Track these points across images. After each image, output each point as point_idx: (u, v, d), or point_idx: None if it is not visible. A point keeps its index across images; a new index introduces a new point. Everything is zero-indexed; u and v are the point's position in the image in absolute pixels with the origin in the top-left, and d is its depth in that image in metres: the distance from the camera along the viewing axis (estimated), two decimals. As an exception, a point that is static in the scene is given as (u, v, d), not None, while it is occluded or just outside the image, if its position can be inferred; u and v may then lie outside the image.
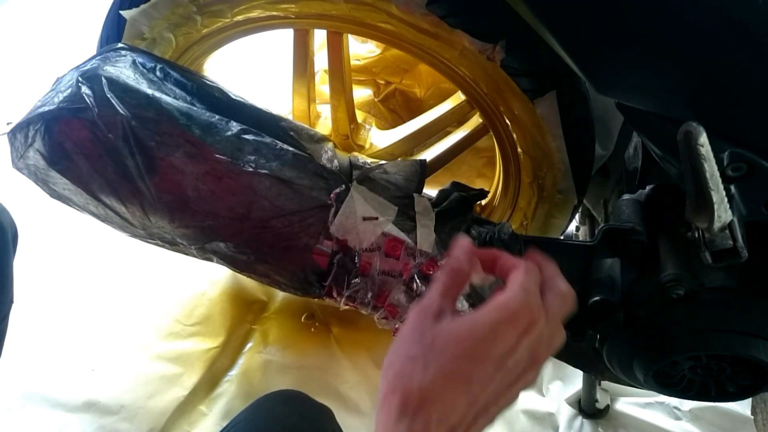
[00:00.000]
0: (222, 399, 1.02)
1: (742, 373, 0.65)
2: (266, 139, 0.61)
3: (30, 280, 1.14)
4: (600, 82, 0.51)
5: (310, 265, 0.65)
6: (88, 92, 0.57)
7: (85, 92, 0.57)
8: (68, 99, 0.57)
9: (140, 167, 0.58)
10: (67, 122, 0.58)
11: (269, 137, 0.61)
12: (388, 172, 0.64)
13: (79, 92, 0.57)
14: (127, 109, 0.57)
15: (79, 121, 0.57)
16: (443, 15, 0.60)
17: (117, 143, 0.57)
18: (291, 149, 0.61)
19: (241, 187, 0.60)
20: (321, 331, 1.13)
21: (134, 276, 1.20)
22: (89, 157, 0.59)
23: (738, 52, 0.43)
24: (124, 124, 0.57)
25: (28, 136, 0.59)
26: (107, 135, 0.57)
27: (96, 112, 0.57)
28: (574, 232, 0.94)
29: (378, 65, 1.37)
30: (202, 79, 0.66)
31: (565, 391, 1.08)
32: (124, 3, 0.68)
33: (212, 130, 0.59)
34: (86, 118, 0.57)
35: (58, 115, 0.57)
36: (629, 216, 0.61)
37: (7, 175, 0.81)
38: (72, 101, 0.57)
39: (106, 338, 1.09)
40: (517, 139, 0.72)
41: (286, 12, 0.67)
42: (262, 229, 0.63)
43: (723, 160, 0.47)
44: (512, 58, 0.62)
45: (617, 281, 0.62)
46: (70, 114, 0.57)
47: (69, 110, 0.57)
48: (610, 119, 0.74)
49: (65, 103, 0.57)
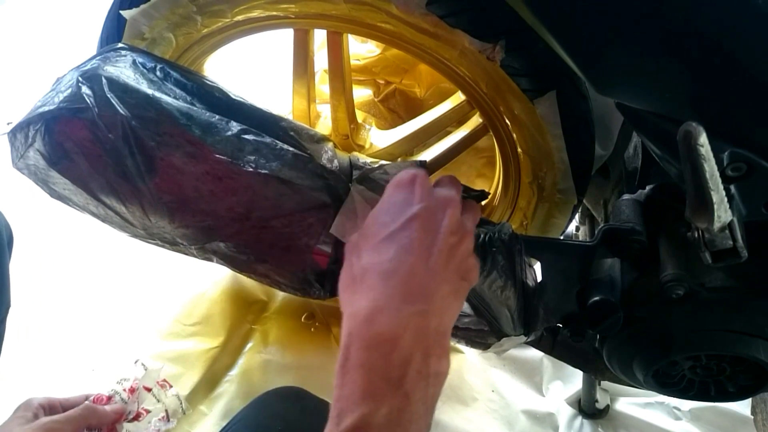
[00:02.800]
0: (222, 399, 1.03)
1: (742, 373, 0.65)
2: (266, 139, 0.61)
3: (30, 280, 1.14)
4: (600, 82, 0.51)
5: (310, 265, 0.65)
6: (88, 92, 0.57)
7: (86, 92, 0.57)
8: (68, 99, 0.57)
9: (140, 167, 0.58)
10: (68, 122, 0.58)
11: (269, 137, 0.61)
12: (388, 173, 0.64)
13: (79, 92, 0.57)
14: (128, 109, 0.57)
15: (79, 121, 0.57)
16: (443, 15, 0.60)
17: (117, 143, 0.57)
18: (291, 149, 0.61)
19: (241, 187, 0.60)
20: (321, 331, 1.13)
21: (134, 276, 1.20)
22: (89, 157, 0.59)
23: (738, 51, 0.43)
24: (125, 124, 0.57)
25: (28, 136, 0.59)
26: (107, 135, 0.57)
27: (96, 112, 0.57)
28: (574, 232, 0.94)
29: (378, 65, 1.37)
30: (202, 79, 0.66)
31: (565, 391, 1.08)
32: (124, 3, 0.68)
33: (212, 130, 0.59)
34: (86, 118, 0.57)
35: (58, 115, 0.57)
36: (629, 216, 0.61)
37: (6, 176, 0.81)
38: (72, 101, 0.57)
39: (106, 338, 1.09)
40: (517, 139, 0.72)
41: (286, 12, 0.67)
42: (262, 229, 0.63)
43: (723, 160, 0.47)
44: (512, 58, 0.62)
45: (617, 281, 0.62)
46: (70, 114, 0.57)
47: (69, 110, 0.57)
48: (610, 119, 0.74)
49: (65, 103, 0.57)
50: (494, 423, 1.03)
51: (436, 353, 0.40)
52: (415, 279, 0.41)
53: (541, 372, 1.11)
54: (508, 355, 1.12)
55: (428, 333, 0.40)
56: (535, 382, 1.10)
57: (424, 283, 0.41)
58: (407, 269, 0.41)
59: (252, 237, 0.63)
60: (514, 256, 0.65)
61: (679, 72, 0.46)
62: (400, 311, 0.39)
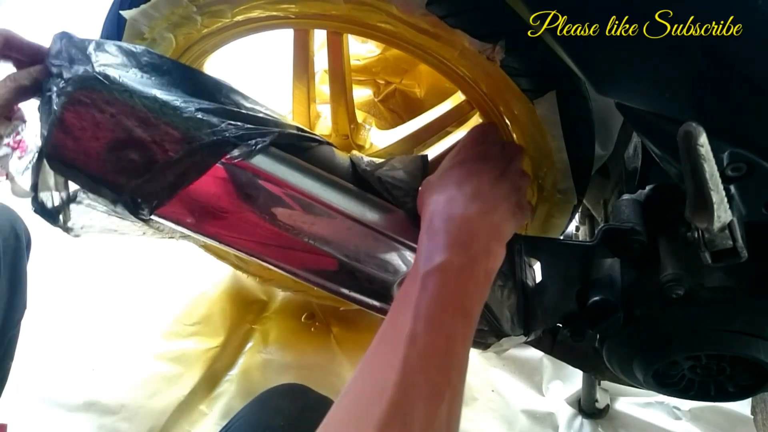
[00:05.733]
0: (222, 399, 1.03)
1: (742, 373, 0.65)
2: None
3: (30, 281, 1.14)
4: (600, 82, 0.51)
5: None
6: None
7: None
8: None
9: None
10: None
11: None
12: (395, 167, 0.63)
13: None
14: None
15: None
16: (443, 15, 0.60)
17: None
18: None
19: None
20: (321, 331, 1.13)
21: (134, 276, 1.20)
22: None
23: (738, 51, 0.43)
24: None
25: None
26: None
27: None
28: (574, 232, 0.94)
29: (378, 65, 1.37)
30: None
31: (565, 390, 1.08)
32: (124, 3, 0.68)
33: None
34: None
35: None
36: (629, 216, 0.61)
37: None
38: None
39: (106, 338, 1.09)
40: (517, 139, 0.72)
41: (286, 12, 0.67)
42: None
43: (723, 160, 0.47)
44: (512, 58, 0.62)
45: (617, 281, 0.62)
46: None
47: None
48: (610, 119, 0.74)
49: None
50: (494, 423, 1.03)
51: (495, 238, 0.52)
52: (483, 190, 0.53)
53: (541, 372, 1.11)
54: (508, 355, 1.13)
55: (491, 223, 0.52)
56: (535, 382, 1.10)
57: (489, 196, 0.53)
58: (477, 183, 0.54)
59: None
60: (514, 256, 0.65)
61: (680, 72, 0.46)
62: (473, 204, 0.52)
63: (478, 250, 0.49)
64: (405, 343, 0.43)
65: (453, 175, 0.56)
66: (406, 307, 0.46)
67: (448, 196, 0.53)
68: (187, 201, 0.63)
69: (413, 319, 0.44)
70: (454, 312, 0.46)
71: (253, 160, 0.56)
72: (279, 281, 1.09)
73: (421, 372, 0.42)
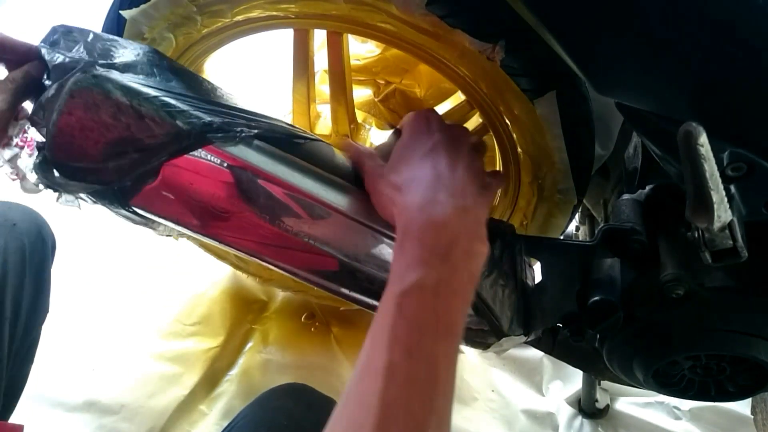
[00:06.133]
0: (222, 399, 1.03)
1: (742, 373, 0.65)
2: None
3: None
4: (600, 82, 0.51)
5: None
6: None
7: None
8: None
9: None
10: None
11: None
12: (382, 151, 0.63)
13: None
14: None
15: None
16: (443, 15, 0.60)
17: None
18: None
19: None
20: (321, 331, 1.13)
21: (134, 276, 1.20)
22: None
23: (738, 51, 0.43)
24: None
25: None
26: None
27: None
28: (574, 232, 0.94)
29: (378, 65, 1.36)
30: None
31: (565, 390, 1.08)
32: (124, 3, 0.68)
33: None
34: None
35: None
36: (629, 216, 0.61)
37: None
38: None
39: (107, 338, 1.09)
40: (517, 139, 0.72)
41: (286, 12, 0.67)
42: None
43: (723, 160, 0.47)
44: (512, 58, 0.62)
45: (617, 281, 0.62)
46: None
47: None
48: (610, 119, 0.74)
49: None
50: (494, 422, 1.04)
51: (477, 237, 0.49)
52: (452, 183, 0.51)
53: (541, 372, 1.11)
54: (508, 355, 1.13)
55: (469, 220, 0.49)
56: (535, 382, 1.10)
57: (459, 186, 0.51)
58: (445, 176, 0.51)
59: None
60: (514, 256, 0.65)
61: (680, 72, 0.46)
62: (447, 204, 0.49)
63: (458, 257, 0.46)
64: (383, 376, 0.40)
65: (417, 172, 0.53)
66: (382, 335, 0.42)
67: (422, 200, 0.49)
68: (188, 201, 0.63)
69: (389, 349, 0.41)
70: (435, 334, 0.43)
71: (253, 159, 0.56)
72: (279, 281, 1.09)
73: (401, 407, 0.39)
